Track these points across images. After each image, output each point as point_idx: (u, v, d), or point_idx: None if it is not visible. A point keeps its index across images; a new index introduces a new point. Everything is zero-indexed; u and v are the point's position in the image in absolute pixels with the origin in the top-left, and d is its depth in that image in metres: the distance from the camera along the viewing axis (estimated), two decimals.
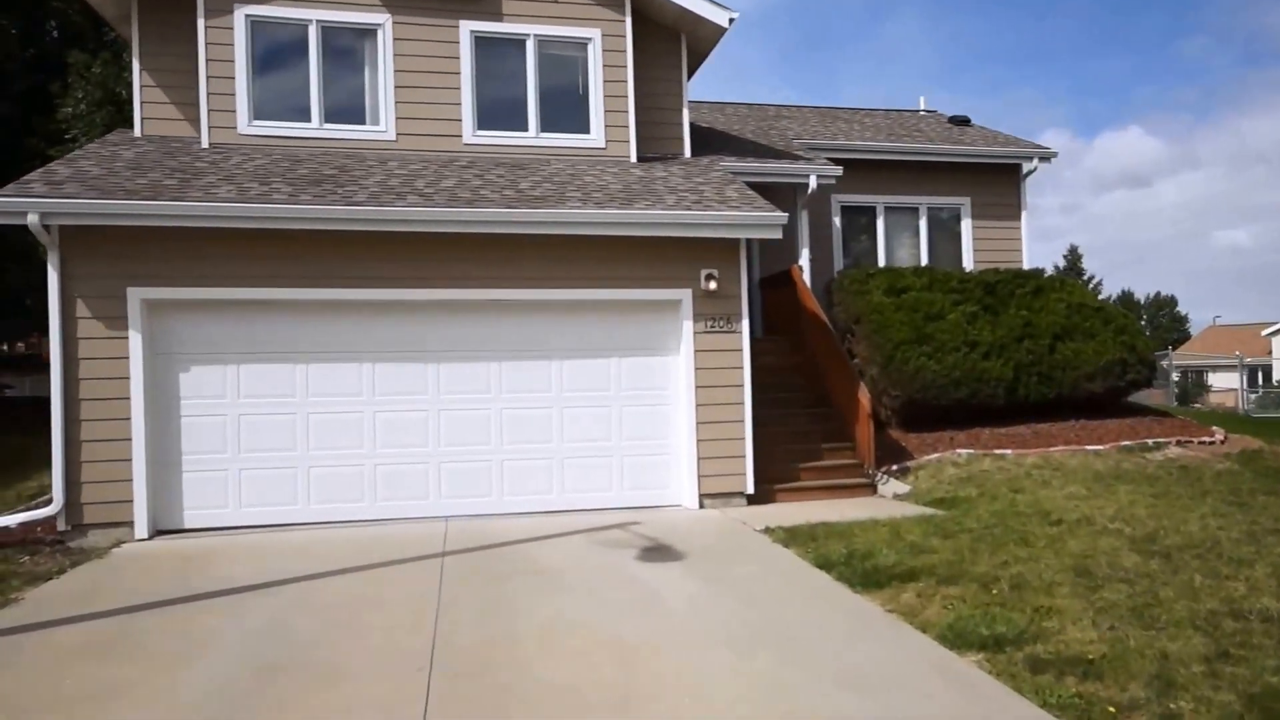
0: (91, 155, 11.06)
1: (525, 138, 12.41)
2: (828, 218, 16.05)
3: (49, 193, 9.47)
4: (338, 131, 11.97)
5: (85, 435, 9.61)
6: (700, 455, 10.81)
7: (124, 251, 9.72)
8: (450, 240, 10.31)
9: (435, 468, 10.51)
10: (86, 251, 9.65)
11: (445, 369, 10.57)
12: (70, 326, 9.61)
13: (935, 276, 13.75)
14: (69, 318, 9.61)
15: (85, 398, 9.63)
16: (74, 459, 9.59)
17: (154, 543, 9.59)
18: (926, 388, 12.77)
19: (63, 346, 9.58)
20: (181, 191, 9.84)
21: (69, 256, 9.62)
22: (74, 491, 9.60)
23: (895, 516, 9.54)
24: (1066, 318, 13.46)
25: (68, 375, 9.59)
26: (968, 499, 10.27)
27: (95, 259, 9.67)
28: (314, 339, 10.31)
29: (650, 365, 10.98)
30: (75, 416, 9.60)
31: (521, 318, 10.73)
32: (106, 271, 9.68)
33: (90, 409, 9.63)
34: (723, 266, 10.90)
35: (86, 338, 9.66)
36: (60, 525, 9.59)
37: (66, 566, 8.72)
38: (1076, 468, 11.39)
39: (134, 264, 9.75)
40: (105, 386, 9.66)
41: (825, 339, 12.86)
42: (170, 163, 10.86)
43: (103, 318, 9.67)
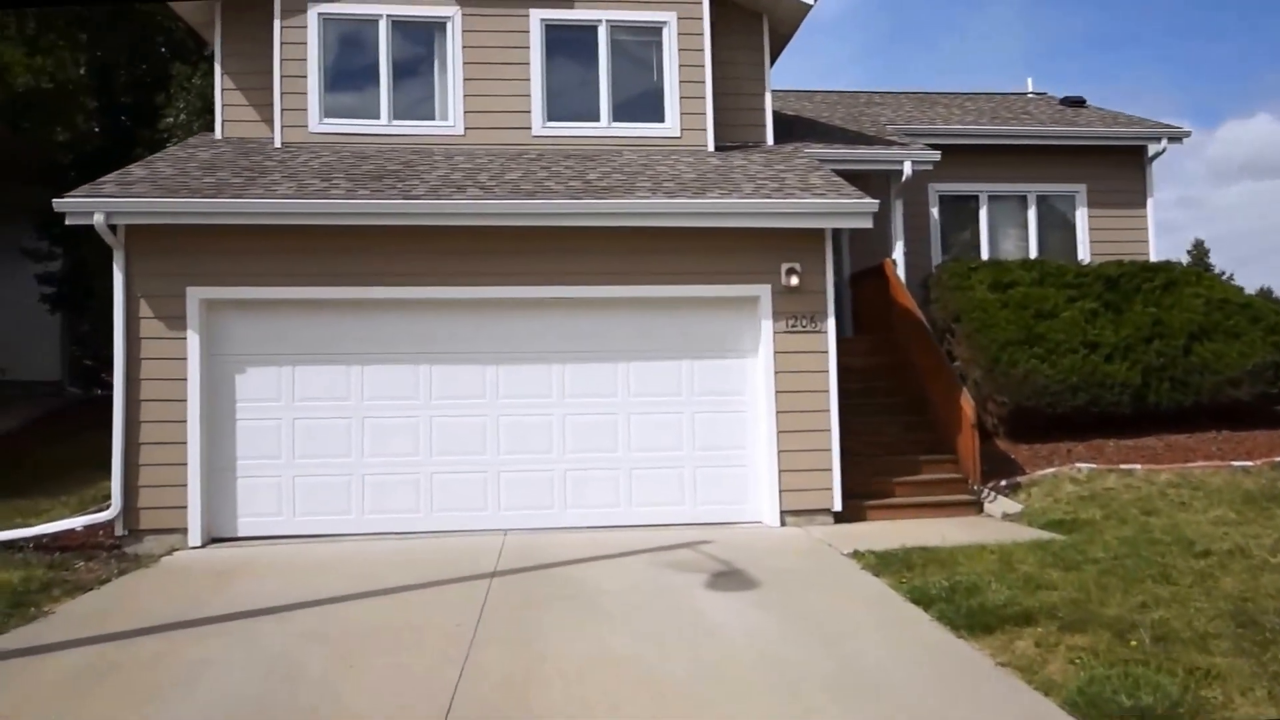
0: (169, 157, 10.65)
1: (596, 128, 11.43)
2: (924, 208, 14.55)
3: (116, 193, 9.06)
4: (406, 128, 11.25)
5: (145, 438, 9.13)
6: (781, 467, 9.57)
7: (185, 250, 9.23)
8: (511, 234, 9.38)
9: (494, 477, 9.57)
10: (150, 251, 9.22)
11: (505, 371, 9.62)
12: (134, 327, 9.17)
13: (1047, 270, 12.15)
14: (132, 317, 9.17)
15: (146, 399, 9.15)
16: (133, 462, 9.10)
17: (204, 552, 8.98)
18: (1038, 394, 11.22)
19: (126, 347, 9.13)
20: (242, 189, 9.26)
21: (134, 256, 9.23)
22: (132, 496, 9.10)
23: (1005, 541, 8.10)
24: (1205, 315, 11.67)
25: (129, 376, 9.13)
26: (1091, 522, 8.73)
27: (158, 258, 9.22)
28: (370, 339, 9.53)
29: (725, 368, 9.80)
30: (135, 418, 9.12)
31: (586, 316, 9.71)
32: (168, 271, 9.22)
33: (150, 410, 9.15)
34: (806, 260, 9.65)
35: (148, 338, 9.20)
36: (118, 530, 9.13)
37: (113, 575, 8.21)
38: (1221, 487, 9.66)
39: (194, 263, 9.24)
40: (164, 388, 9.15)
41: (922, 339, 11.44)
42: (241, 162, 10.32)
43: (164, 317, 9.18)
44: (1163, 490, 9.60)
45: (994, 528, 9.13)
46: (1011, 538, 8.28)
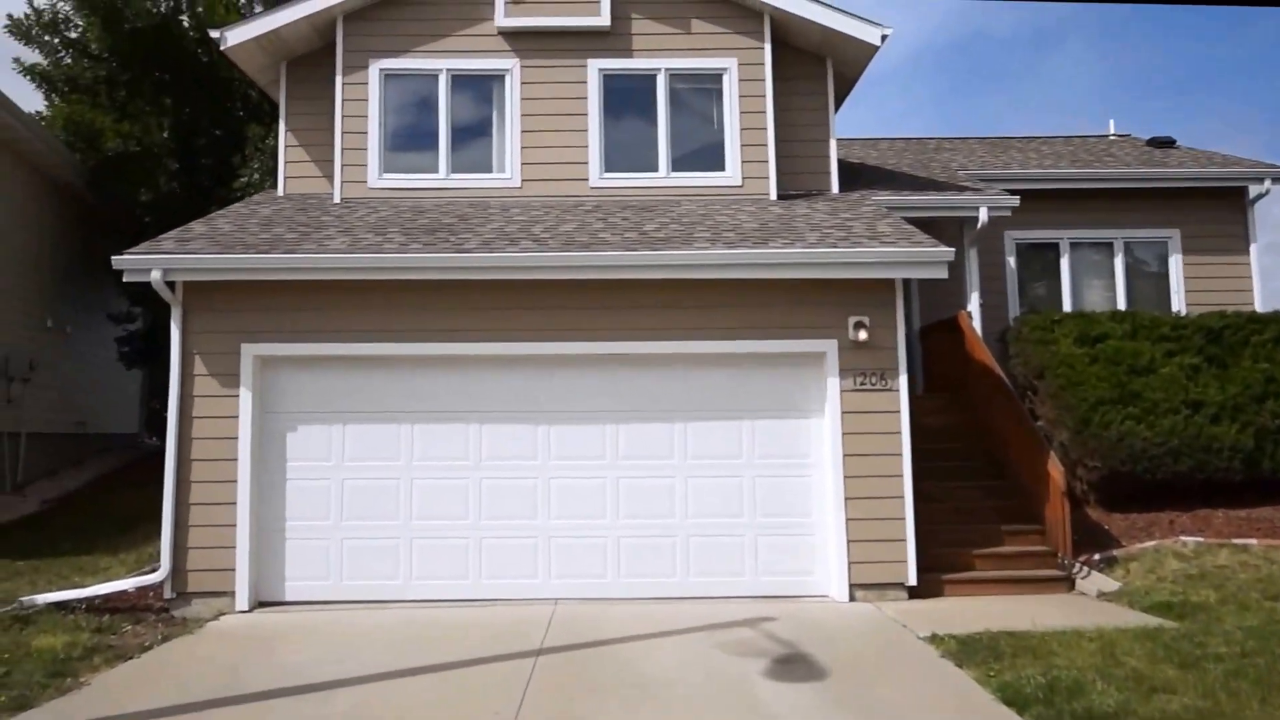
0: (231, 214, 10.51)
1: (655, 178, 10.95)
2: (1000, 257, 13.65)
3: (173, 249, 8.89)
4: (463, 180, 10.96)
5: (195, 498, 8.82)
6: (850, 537, 8.75)
7: (240, 306, 8.99)
8: (564, 288, 8.87)
9: (544, 543, 8.96)
10: (206, 307, 8.99)
11: (557, 431, 9.05)
12: (188, 384, 8.92)
13: (1140, 322, 11.13)
14: (187, 375, 8.94)
15: (197, 458, 8.85)
16: (183, 522, 8.80)
17: (250, 617, 8.57)
18: (1134, 458, 10.18)
19: (179, 405, 8.89)
20: (295, 245, 9.03)
21: (190, 313, 9.01)
22: (180, 557, 8.78)
23: (1106, 626, 7.13)
24: None
25: (182, 434, 8.87)
26: (1204, 606, 7.68)
27: (213, 315, 8.98)
28: (420, 397, 9.09)
29: (789, 429, 9.06)
30: (186, 478, 8.84)
31: (642, 373, 9.11)
32: (223, 327, 8.97)
33: (201, 470, 8.84)
34: (875, 313, 8.90)
35: (202, 395, 8.92)
36: (166, 592, 8.80)
37: (156, 642, 7.87)
38: None
39: (248, 319, 8.99)
40: (216, 447, 8.85)
41: (1001, 397, 10.52)
42: (299, 218, 10.11)
43: (217, 375, 8.92)
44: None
45: (1090, 609, 8.13)
46: (1112, 622, 7.29)
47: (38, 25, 16.12)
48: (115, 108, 16.64)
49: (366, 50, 10.91)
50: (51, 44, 16.34)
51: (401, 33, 10.98)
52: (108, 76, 16.53)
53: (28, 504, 12.84)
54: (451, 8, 11.05)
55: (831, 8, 10.84)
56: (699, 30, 11.04)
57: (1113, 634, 6.80)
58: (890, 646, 7.13)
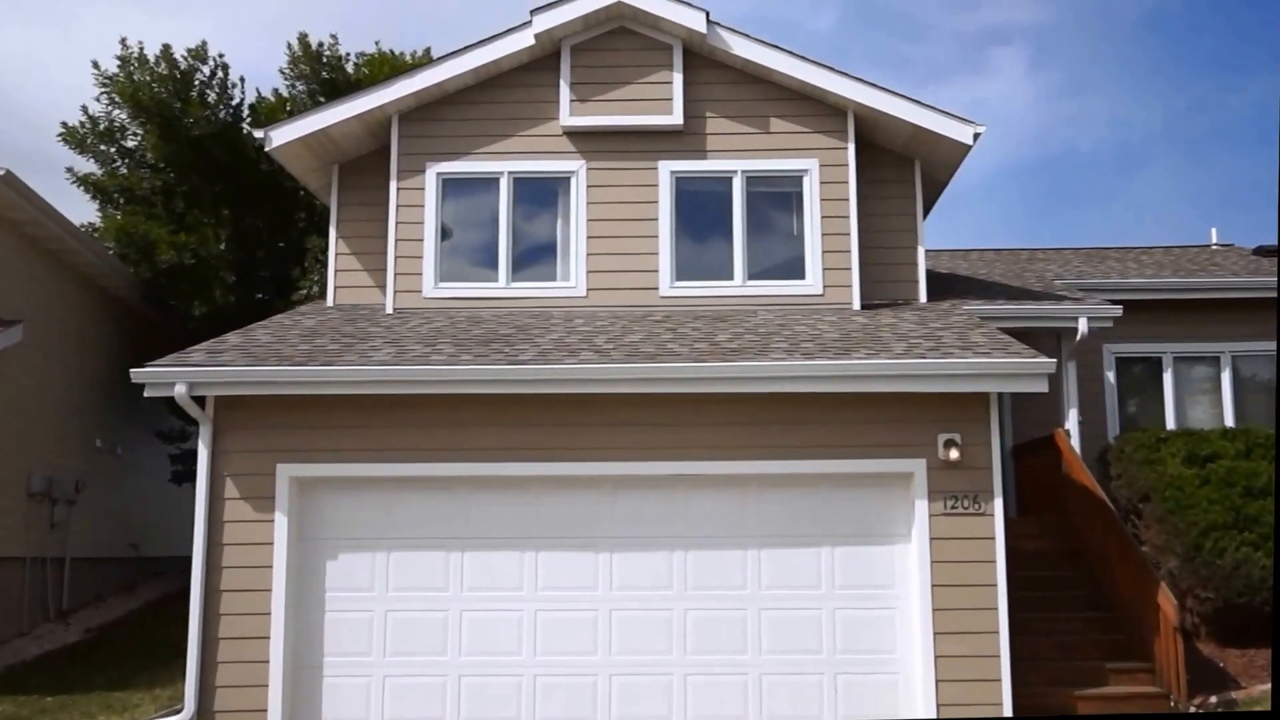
0: (272, 325, 10.65)
1: (729, 287, 10.96)
2: (1099, 371, 13.32)
3: (202, 361, 8.90)
4: (525, 289, 11.06)
5: (225, 632, 8.67)
6: (939, 677, 8.36)
7: (275, 424, 8.95)
8: (627, 403, 8.83)
9: (604, 681, 8.71)
10: (238, 425, 8.94)
11: (619, 559, 8.89)
12: (217, 509, 8.83)
13: (1254, 439, 10.70)
14: (216, 498, 8.85)
15: (227, 589, 8.74)
16: (210, 660, 8.64)
17: None
18: (1252, 588, 9.65)
19: (207, 531, 8.79)
20: (336, 356, 9.04)
21: (221, 431, 8.95)
22: (208, 697, 8.60)
23: None
24: None
25: (210, 563, 8.76)
26: None
27: (247, 433, 8.92)
28: (470, 522, 9.02)
29: (872, 557, 8.78)
30: (215, 610, 8.71)
31: (713, 495, 8.96)
32: (257, 447, 8.90)
33: (231, 602, 8.71)
34: (968, 430, 8.67)
35: (233, 521, 8.83)
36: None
37: None
38: None
39: (285, 438, 8.94)
40: (248, 576, 8.72)
41: (1104, 522, 10.10)
42: (345, 329, 10.23)
43: (251, 498, 8.84)
44: None
45: None
46: None
47: (93, 134, 16.42)
48: (172, 218, 16.84)
49: (423, 153, 11.07)
50: (107, 153, 16.61)
51: (460, 134, 11.12)
52: (164, 186, 16.78)
53: (70, 633, 12.78)
54: (514, 106, 11.16)
55: (920, 104, 10.75)
56: (778, 129, 11.08)
57: None
58: None
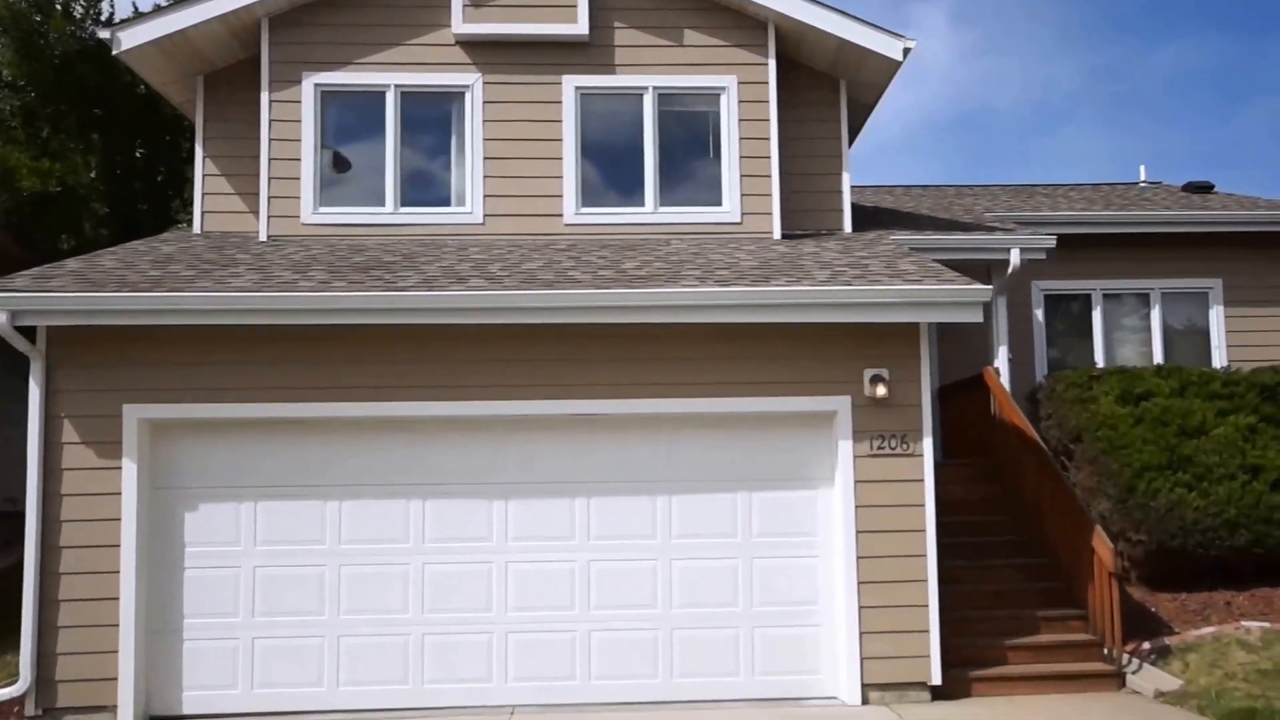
0: (123, 251, 9.55)
1: (640, 214, 10.19)
2: (1027, 310, 12.91)
3: (28, 287, 7.79)
4: (415, 216, 10.13)
5: (65, 593, 7.72)
6: (863, 628, 7.82)
7: (121, 360, 7.93)
8: (522, 337, 8.02)
9: (500, 639, 8.00)
10: (77, 361, 7.90)
11: (515, 507, 8.14)
12: (54, 455, 7.81)
13: (1188, 378, 10.37)
14: (53, 443, 7.82)
15: (67, 545, 7.76)
16: (49, 623, 7.69)
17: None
18: (1186, 531, 9.34)
19: (42, 482, 7.78)
20: (188, 282, 8.00)
21: (57, 367, 7.90)
22: (47, 665, 7.67)
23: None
24: None
25: (46, 516, 7.76)
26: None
27: (87, 370, 7.89)
28: (348, 469, 8.16)
29: (792, 502, 8.17)
30: (53, 569, 7.74)
31: (618, 438, 8.24)
32: (100, 385, 7.88)
33: (72, 559, 7.75)
34: (896, 365, 8.07)
35: (72, 469, 7.82)
36: (29, 709, 7.67)
37: None
38: None
39: (133, 375, 7.92)
40: (92, 531, 7.76)
41: (1037, 465, 9.68)
42: (208, 256, 9.18)
43: (93, 443, 7.83)
44: None
45: (1150, 715, 7.23)
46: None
47: None
48: (35, 144, 15.77)
49: (299, 62, 9.98)
50: None
51: (341, 41, 10.06)
52: (25, 108, 15.71)
53: None
54: (401, 10, 10.12)
55: (847, 15, 9.99)
56: (693, 43, 10.24)
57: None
58: None
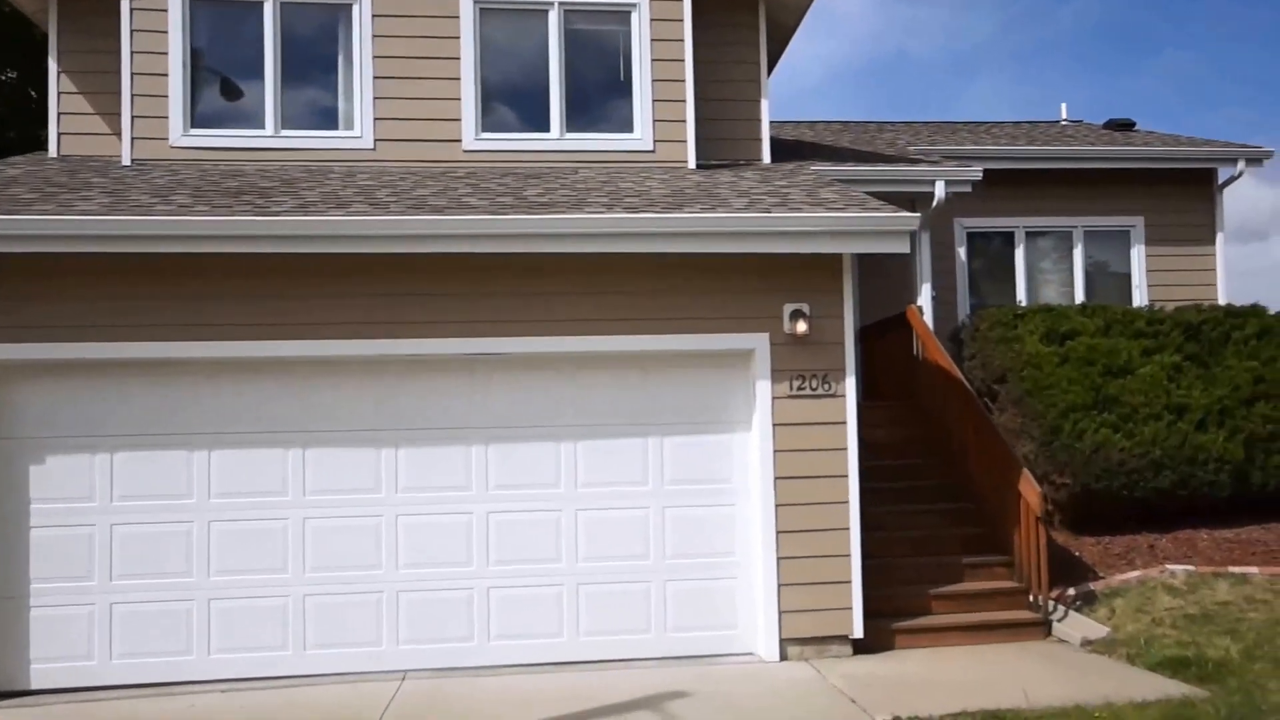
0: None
1: (546, 141, 9.43)
2: (950, 248, 12.61)
3: None
4: (299, 140, 9.22)
5: None
6: (782, 580, 7.39)
7: None
8: (414, 268, 7.31)
9: (390, 599, 7.35)
10: None
11: (407, 456, 7.46)
12: None
13: (1113, 316, 10.13)
14: None
15: None
16: None
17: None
18: (1111, 473, 9.12)
19: None
20: (25, 206, 7.05)
21: None
22: None
23: (1117, 701, 5.87)
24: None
25: None
26: (1227, 664, 6.50)
27: None
28: (218, 415, 7.39)
29: (706, 447, 7.65)
30: None
31: (519, 379, 7.59)
32: None
33: None
34: (817, 300, 7.57)
35: None
36: None
37: None
38: None
39: None
40: None
41: (962, 406, 9.34)
42: (60, 179, 8.21)
43: None
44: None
45: (1083, 667, 6.91)
46: (1123, 692, 6.02)
47: None
48: None
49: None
50: None
51: None
52: None
53: None
54: None
55: None
56: None
57: (1130, 713, 5.55)
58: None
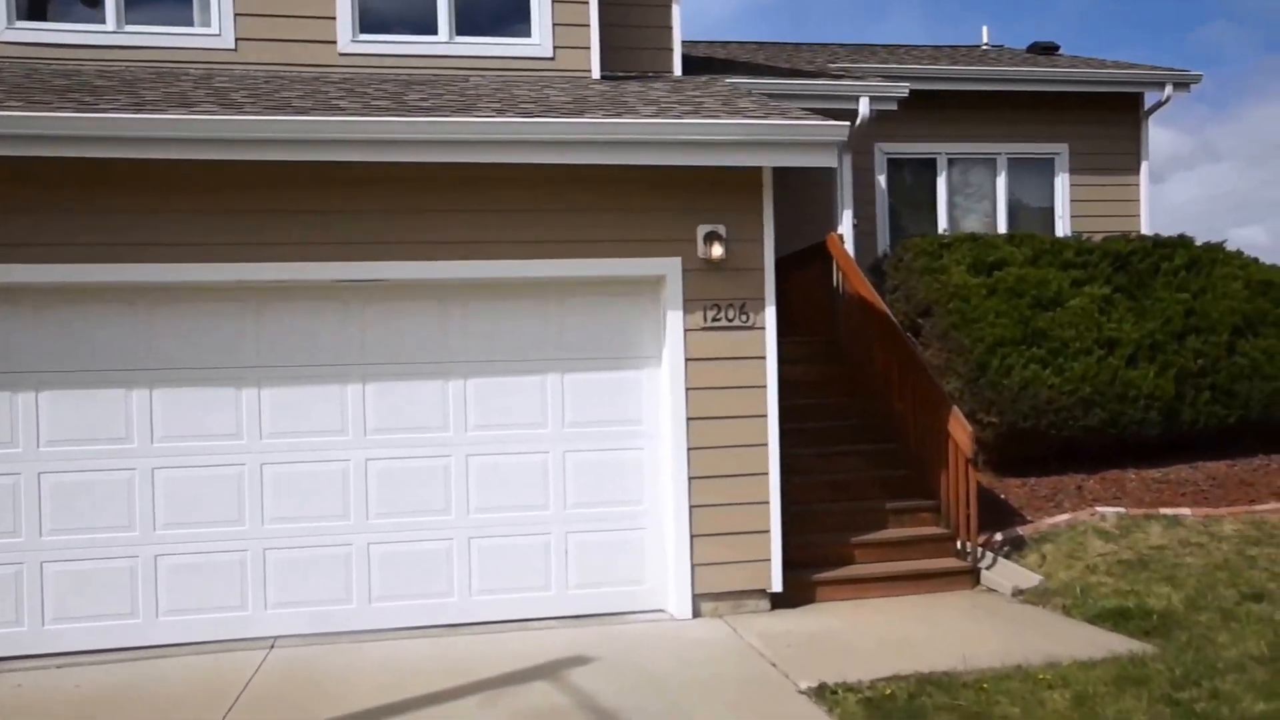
0: None
1: (433, 45, 8.49)
2: (870, 175, 12.04)
3: None
4: (146, 37, 8.13)
5: None
6: (695, 531, 6.80)
7: None
8: (273, 181, 6.39)
9: (256, 557, 6.56)
10: None
11: (271, 396, 6.59)
12: None
13: (1041, 246, 9.74)
14: None
15: None
16: None
17: None
18: (1039, 410, 8.77)
19: None
20: None
21: None
22: None
23: (1059, 658, 5.44)
24: (1248, 302, 9.39)
25: None
26: (1172, 614, 6.13)
27: None
28: (45, 349, 6.41)
29: (612, 384, 6.97)
30: None
31: (399, 309, 6.77)
32: None
33: None
34: (734, 221, 6.88)
35: None
36: None
37: None
38: None
39: None
40: None
41: (887, 339, 8.83)
42: None
43: None
44: (1241, 550, 7.16)
45: (1018, 620, 6.52)
46: (1064, 649, 5.58)
47: None
48: None
49: None
50: None
51: None
52: None
53: None
54: None
55: None
56: None
57: (1075, 673, 5.10)
58: (753, 705, 5.18)
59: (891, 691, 4.91)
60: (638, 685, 5.39)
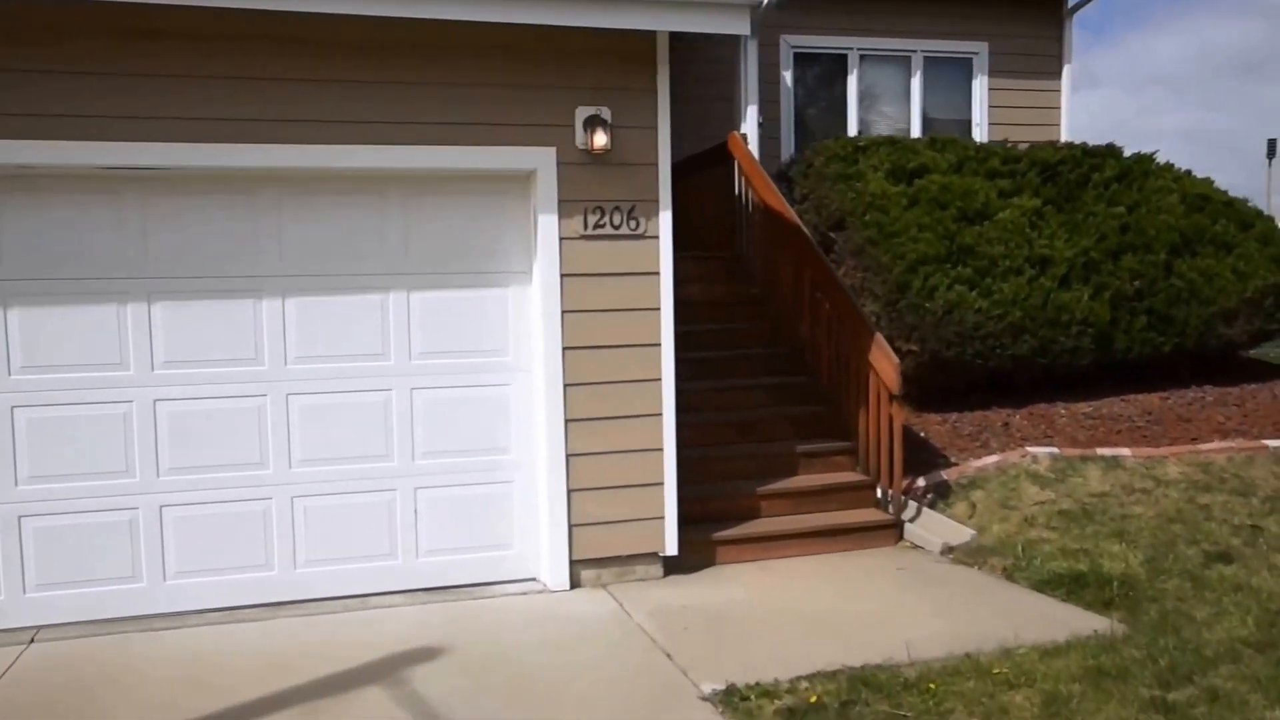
0: None
1: None
2: (775, 71, 10.92)
3: None
4: None
5: None
6: (573, 484, 5.73)
7: None
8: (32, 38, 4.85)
9: (10, 525, 5.17)
10: None
11: (22, 318, 5.16)
12: None
13: (966, 152, 8.85)
14: None
15: None
16: None
17: None
18: (965, 338, 7.92)
19: None
20: None
21: None
22: None
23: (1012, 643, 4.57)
24: (1185, 218, 8.70)
25: None
26: (1132, 579, 5.33)
27: None
28: None
29: (471, 305, 5.77)
30: None
31: (192, 206, 5.37)
32: None
33: None
34: (622, 102, 5.68)
35: None
36: None
37: None
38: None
39: None
40: None
41: (798, 254, 7.82)
42: None
43: None
44: (1192, 498, 6.46)
45: (950, 586, 5.68)
46: (1013, 627, 4.73)
47: None
48: None
49: None
50: None
51: None
52: None
53: None
54: None
55: None
56: None
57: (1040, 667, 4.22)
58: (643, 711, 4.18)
59: (818, 698, 3.95)
60: (499, 689, 4.32)
